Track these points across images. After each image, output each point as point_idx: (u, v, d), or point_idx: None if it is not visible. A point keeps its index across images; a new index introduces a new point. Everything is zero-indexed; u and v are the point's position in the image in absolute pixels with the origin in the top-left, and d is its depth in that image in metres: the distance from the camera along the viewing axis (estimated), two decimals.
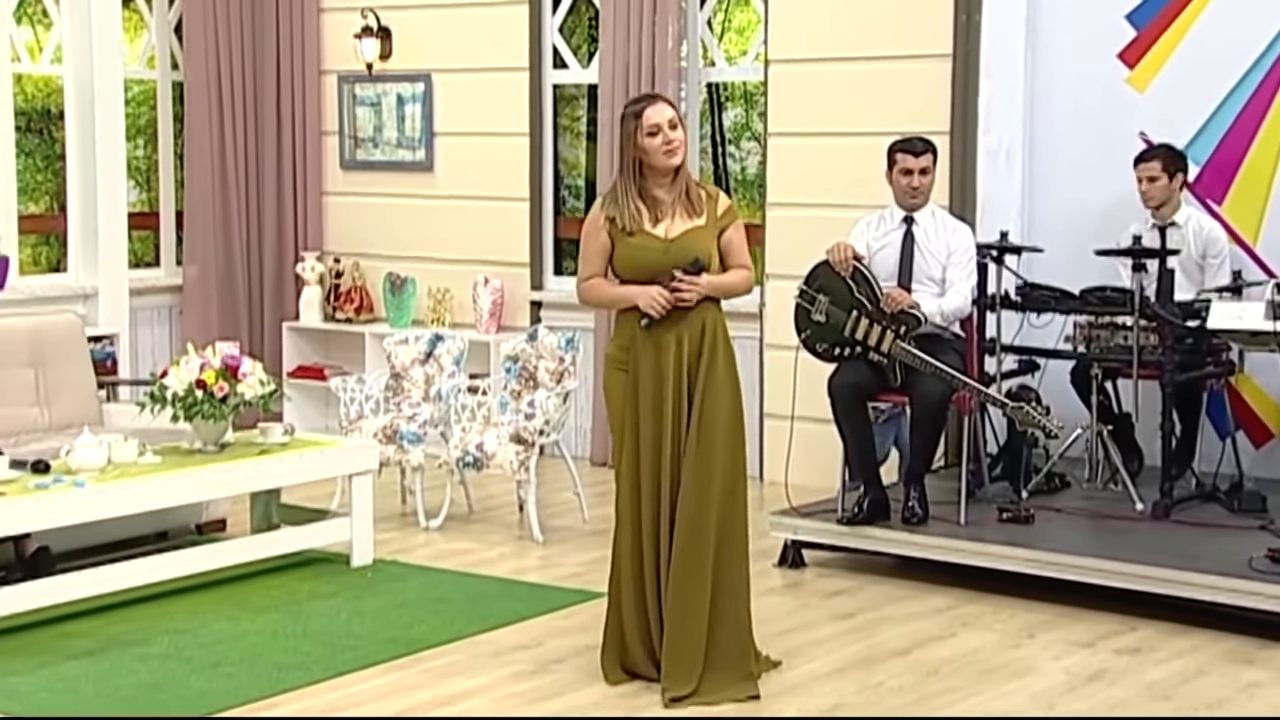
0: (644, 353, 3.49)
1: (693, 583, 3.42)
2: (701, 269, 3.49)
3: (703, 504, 3.42)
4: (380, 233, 6.96)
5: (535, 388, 5.44)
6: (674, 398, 3.47)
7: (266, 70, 6.97)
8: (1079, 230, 5.40)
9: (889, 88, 5.66)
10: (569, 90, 7.60)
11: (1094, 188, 5.34)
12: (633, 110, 3.51)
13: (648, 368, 3.49)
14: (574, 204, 7.71)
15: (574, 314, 6.45)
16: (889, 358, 4.65)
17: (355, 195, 7.03)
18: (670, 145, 3.48)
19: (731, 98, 7.89)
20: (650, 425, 3.47)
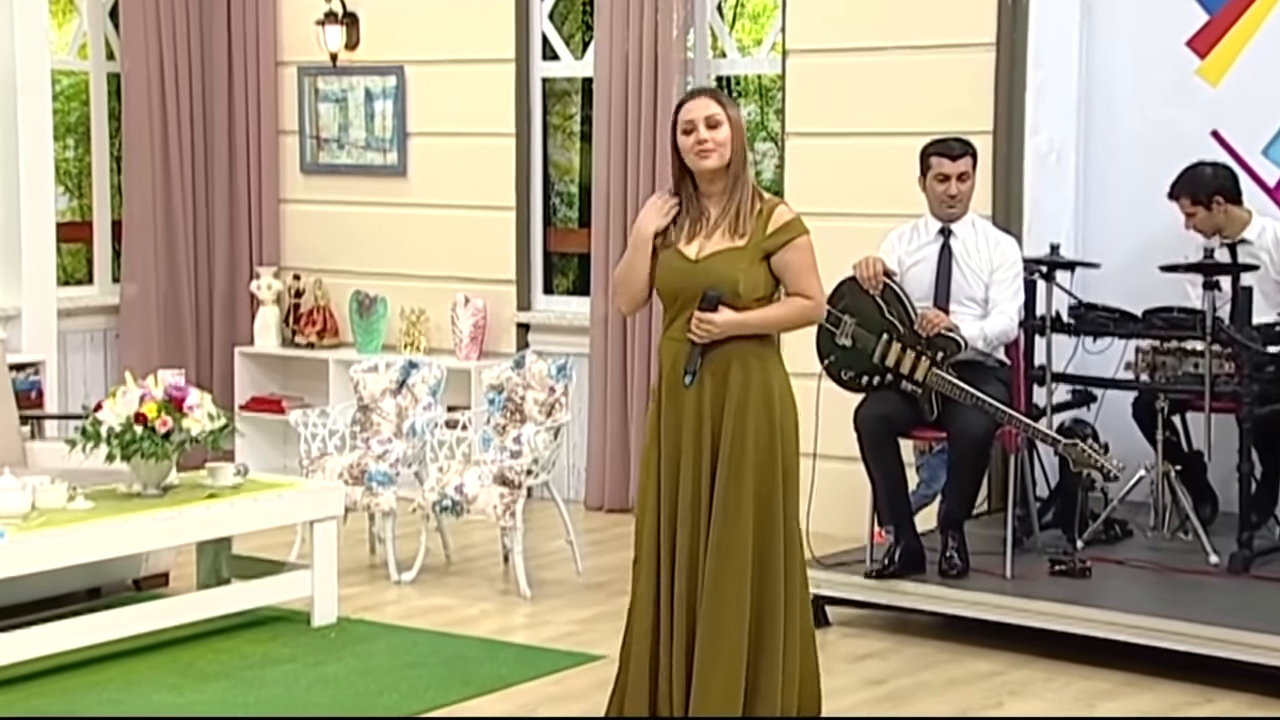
0: (667, 392, 3.40)
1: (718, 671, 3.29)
2: (716, 302, 3.35)
3: (726, 576, 3.29)
4: (346, 246, 7.02)
5: (522, 422, 5.49)
6: (692, 453, 3.36)
7: (216, 61, 7.04)
8: (1141, 243, 5.46)
9: (923, 81, 5.72)
10: (561, 85, 7.69)
11: (1158, 195, 5.35)
12: (679, 103, 3.50)
13: (671, 411, 3.40)
14: (566, 213, 7.79)
15: (566, 338, 6.50)
16: (924, 387, 4.69)
17: (317, 203, 7.11)
18: (702, 146, 3.37)
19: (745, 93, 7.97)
20: (667, 479, 3.41)
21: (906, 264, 4.91)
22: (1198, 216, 5.14)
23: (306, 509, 4.81)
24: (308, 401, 6.76)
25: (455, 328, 6.64)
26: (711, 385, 3.36)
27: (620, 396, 6.34)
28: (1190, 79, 5.48)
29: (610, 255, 6.31)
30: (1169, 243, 5.29)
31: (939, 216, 4.90)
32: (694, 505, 3.37)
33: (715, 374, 3.37)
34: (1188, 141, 5.39)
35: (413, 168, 6.87)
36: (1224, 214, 5.13)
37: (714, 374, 3.37)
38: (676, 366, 3.42)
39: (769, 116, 7.40)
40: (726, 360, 3.37)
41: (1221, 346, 4.76)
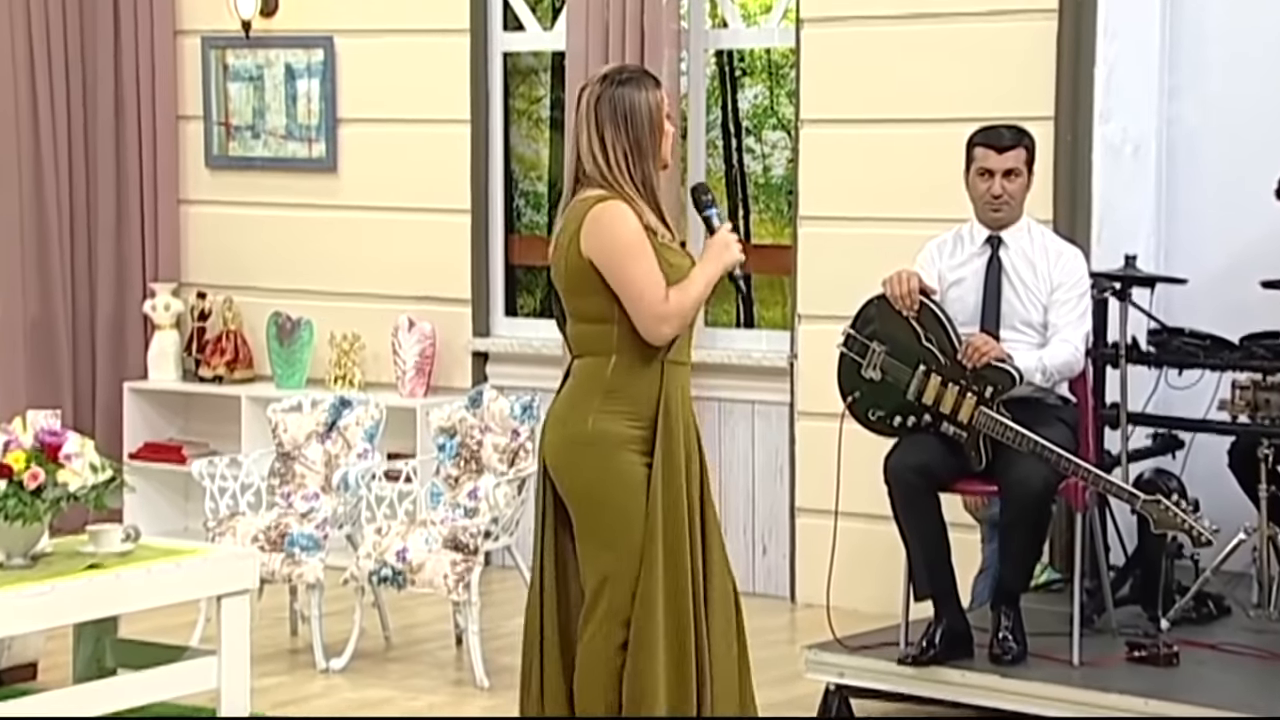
0: (676, 418, 3.80)
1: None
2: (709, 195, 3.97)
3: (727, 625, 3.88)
4: (262, 257, 7.08)
5: (479, 473, 5.54)
6: (693, 487, 3.87)
7: (100, 30, 7.08)
8: (1238, 253, 5.53)
9: (969, 57, 5.79)
10: (526, 61, 7.76)
11: (1261, 194, 5.39)
12: (648, 79, 3.81)
13: (676, 442, 3.79)
14: (532, 217, 7.81)
15: (533, 370, 6.56)
16: (970, 430, 4.73)
17: (227, 205, 7.17)
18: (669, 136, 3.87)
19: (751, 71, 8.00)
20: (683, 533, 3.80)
21: (948, 280, 4.96)
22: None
23: (212, 581, 4.84)
24: (215, 449, 6.80)
25: (397, 357, 6.70)
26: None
27: None
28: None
29: None
30: (1272, 252, 5.36)
31: (986, 222, 4.96)
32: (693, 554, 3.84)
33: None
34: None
35: (345, 162, 6.94)
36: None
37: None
38: (685, 395, 3.84)
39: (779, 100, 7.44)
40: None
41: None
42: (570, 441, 3.80)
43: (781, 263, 6.44)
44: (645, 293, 3.72)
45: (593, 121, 3.74)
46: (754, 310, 7.62)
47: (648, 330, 3.72)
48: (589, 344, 3.81)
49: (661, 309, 3.73)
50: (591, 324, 3.79)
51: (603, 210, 3.72)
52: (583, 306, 3.80)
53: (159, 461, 6.97)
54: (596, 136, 3.74)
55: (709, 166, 6.77)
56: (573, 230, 3.76)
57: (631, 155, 3.75)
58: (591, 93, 3.76)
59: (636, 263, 3.72)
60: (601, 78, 3.78)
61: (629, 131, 3.74)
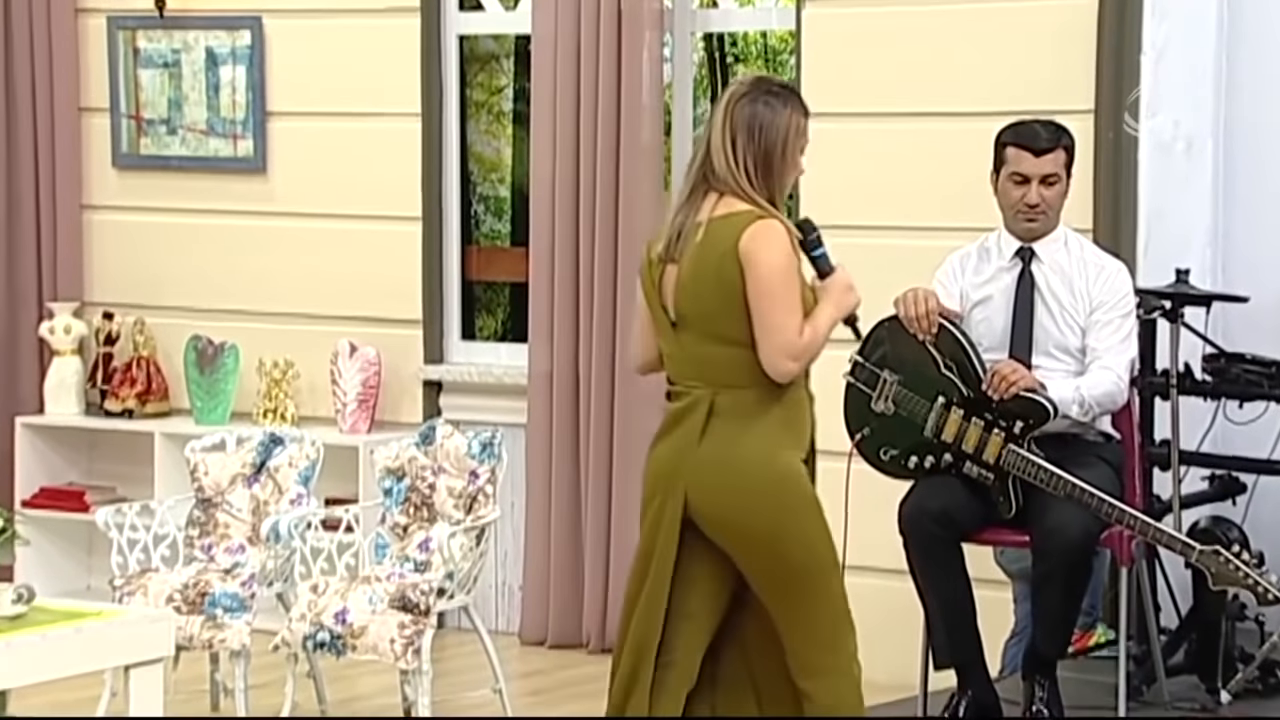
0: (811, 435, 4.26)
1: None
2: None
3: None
4: (180, 272, 7.08)
5: (431, 521, 5.55)
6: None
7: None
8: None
9: (996, 41, 5.82)
10: (485, 46, 7.78)
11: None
12: (797, 101, 4.23)
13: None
14: (493, 225, 7.82)
15: (494, 402, 6.58)
16: (998, 472, 4.75)
17: (137, 211, 7.16)
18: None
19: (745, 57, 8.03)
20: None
21: (972, 299, 4.99)
22: None
23: (120, 649, 4.83)
24: (123, 494, 6.80)
25: (337, 388, 6.72)
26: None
27: (571, 483, 6.42)
28: None
29: (557, 284, 6.41)
30: None
31: (1016, 233, 4.98)
32: None
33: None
34: None
35: (275, 162, 6.96)
36: None
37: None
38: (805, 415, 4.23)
39: None
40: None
41: None
42: (753, 486, 4.06)
43: None
44: (785, 324, 4.06)
45: (728, 123, 4.12)
46: None
47: (774, 363, 4.05)
48: (740, 372, 4.08)
49: (796, 344, 4.06)
50: (745, 348, 4.07)
51: (766, 229, 4.07)
52: (735, 329, 4.07)
53: (57, 509, 6.96)
54: (729, 139, 4.12)
55: None
56: (728, 245, 4.03)
57: (759, 171, 4.13)
58: (735, 93, 4.17)
59: (788, 291, 4.07)
60: (751, 84, 4.20)
61: (760, 144, 4.12)
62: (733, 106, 4.13)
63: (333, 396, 6.71)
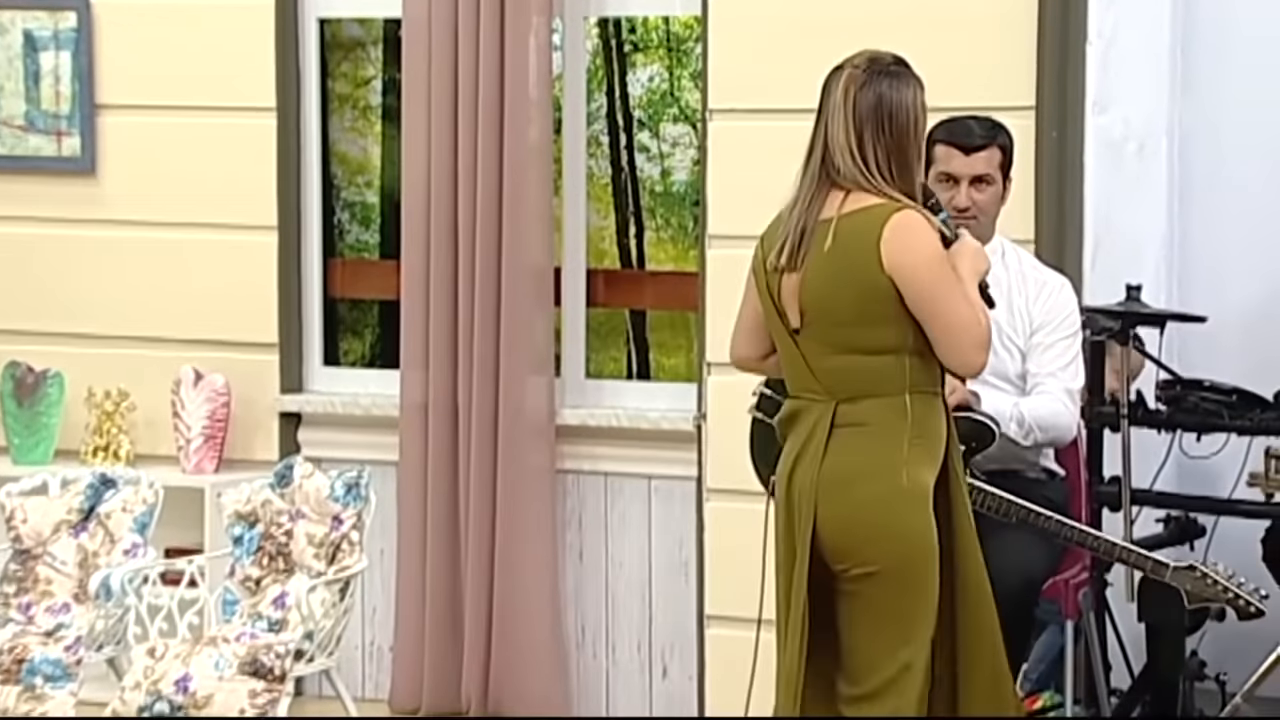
0: (957, 463, 4.30)
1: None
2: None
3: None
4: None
5: (288, 573, 5.53)
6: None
7: None
8: (1272, 283, 5.63)
9: (925, 30, 5.85)
10: (349, 32, 7.75)
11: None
12: (914, 76, 4.24)
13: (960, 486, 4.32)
14: (360, 235, 7.75)
15: (361, 436, 6.57)
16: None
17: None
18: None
19: (644, 47, 8.04)
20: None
21: None
22: None
23: None
24: None
25: (179, 421, 6.67)
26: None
27: (449, 529, 6.41)
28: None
29: (433, 302, 6.40)
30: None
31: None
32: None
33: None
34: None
35: (106, 162, 6.90)
36: None
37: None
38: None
39: (681, 84, 7.48)
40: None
41: None
42: (880, 504, 4.07)
43: (685, 295, 6.49)
44: (968, 315, 4.09)
45: (850, 114, 4.12)
46: (649, 357, 7.65)
47: (965, 359, 4.10)
48: (870, 382, 4.11)
49: (982, 335, 4.10)
50: (879, 356, 4.11)
51: (908, 220, 4.08)
52: (872, 336, 4.10)
53: None
54: (854, 133, 4.13)
55: (590, 169, 6.74)
56: (869, 244, 4.05)
57: (895, 162, 4.13)
58: (851, 79, 4.14)
59: (953, 284, 4.10)
60: (867, 63, 4.17)
61: (892, 135, 4.14)
62: (854, 93, 4.11)
63: (174, 431, 6.66)
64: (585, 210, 6.61)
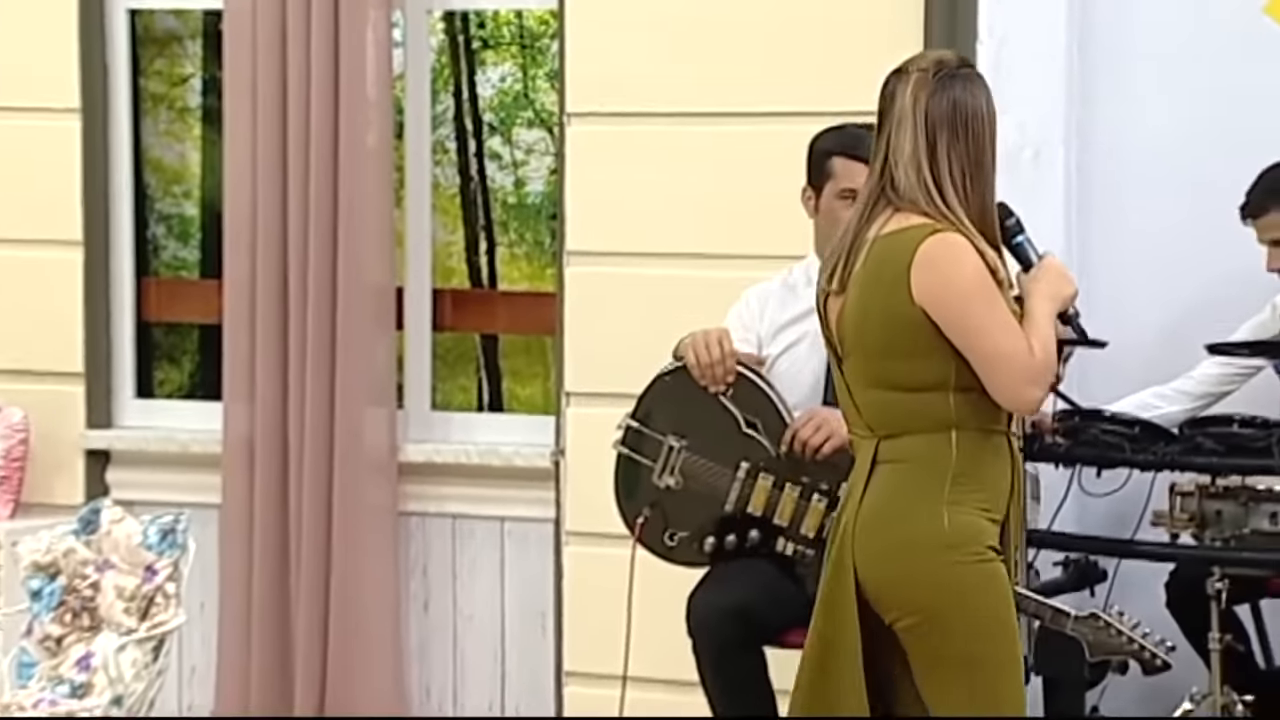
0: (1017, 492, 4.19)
1: None
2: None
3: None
4: None
5: (94, 630, 5.47)
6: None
7: None
8: (1181, 305, 5.68)
9: (805, 29, 5.90)
10: (164, 24, 7.71)
11: (1213, 219, 5.56)
12: (982, 79, 4.11)
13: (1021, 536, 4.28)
14: (177, 252, 7.73)
15: (177, 475, 6.54)
16: (819, 546, 4.76)
17: None
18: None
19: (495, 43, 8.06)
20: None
21: (776, 344, 5.08)
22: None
23: None
24: None
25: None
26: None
27: (277, 578, 6.40)
28: (1258, 23, 5.75)
29: (260, 326, 6.38)
30: (1223, 304, 5.52)
31: None
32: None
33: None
34: (1256, 128, 5.64)
35: None
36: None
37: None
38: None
39: (536, 84, 7.51)
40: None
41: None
42: (916, 547, 4.00)
43: (541, 318, 6.50)
44: (1014, 347, 4.01)
45: (921, 122, 4.00)
46: (502, 386, 7.65)
47: (1015, 395, 4.02)
48: (911, 419, 4.05)
49: (1033, 365, 4.01)
50: (918, 393, 4.04)
51: (941, 244, 3.99)
52: (908, 371, 4.04)
53: None
54: (925, 143, 4.00)
55: (436, 178, 6.75)
56: (897, 270, 3.98)
57: (970, 176, 4.02)
58: (920, 84, 4.03)
59: (993, 311, 4.00)
60: (935, 65, 4.06)
61: (970, 144, 4.02)
62: (926, 99, 4.01)
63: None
64: (430, 224, 6.60)
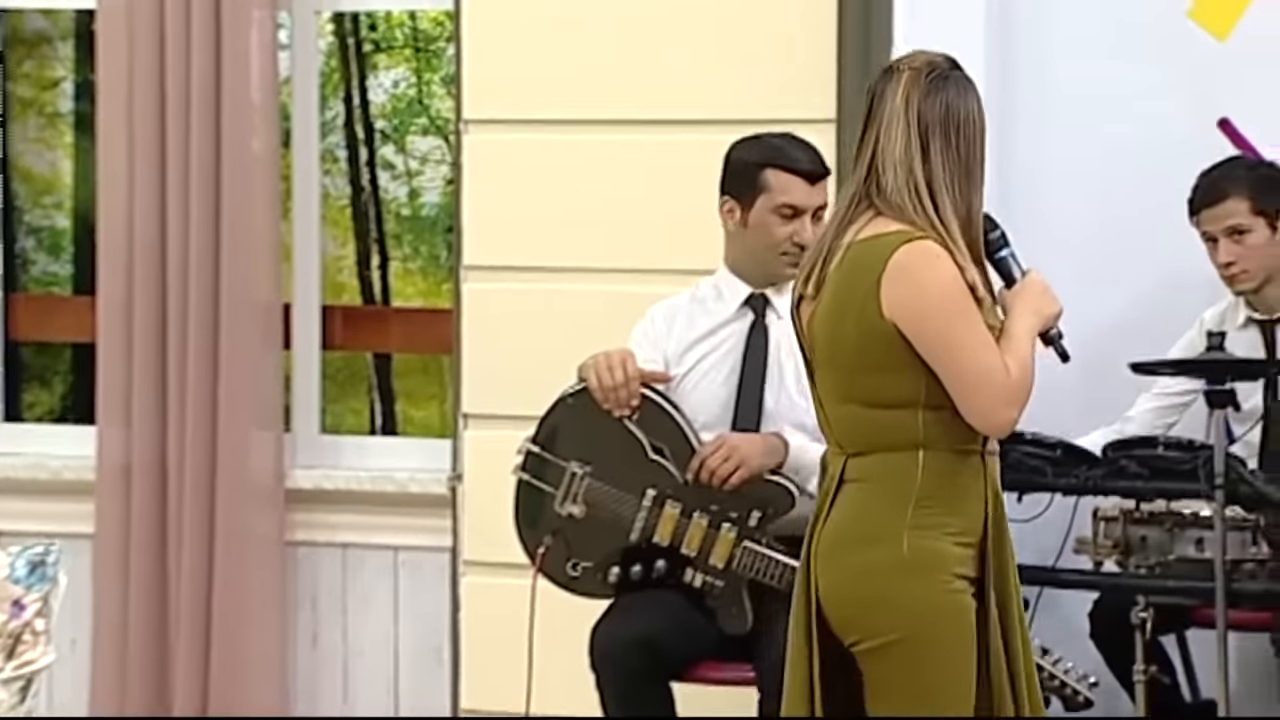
0: (1005, 530, 4.15)
1: None
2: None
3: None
4: None
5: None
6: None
7: None
8: (1103, 320, 5.71)
9: (714, 34, 5.92)
10: (33, 25, 7.69)
11: (1132, 233, 5.66)
12: (972, 83, 4.09)
13: (1010, 562, 4.16)
14: (47, 266, 7.70)
15: (48, 504, 6.50)
16: (729, 578, 4.81)
17: None
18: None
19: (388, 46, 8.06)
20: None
21: (686, 362, 5.07)
22: (1250, 240, 5.37)
23: None
24: None
25: None
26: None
27: (155, 613, 6.37)
28: (1181, 26, 5.80)
29: (137, 345, 6.35)
30: (1153, 320, 5.61)
31: (760, 276, 5.07)
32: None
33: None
34: (1178, 133, 5.72)
35: None
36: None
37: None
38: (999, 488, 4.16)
39: (431, 90, 7.51)
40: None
41: (1245, 510, 5.02)
42: (874, 571, 3.98)
43: (437, 336, 6.49)
44: (989, 365, 3.99)
45: (914, 123, 3.99)
46: (395, 408, 7.64)
47: (986, 416, 3.99)
48: (881, 436, 4.03)
49: (1006, 387, 3.99)
50: (887, 410, 4.02)
51: (914, 253, 3.97)
52: (878, 386, 4.02)
53: None
54: (919, 145, 4.00)
55: (326, 189, 6.75)
56: (870, 280, 3.96)
57: (959, 181, 4.02)
58: (912, 83, 4.02)
59: (968, 327, 3.99)
60: (927, 65, 4.05)
61: (961, 150, 4.02)
62: (918, 100, 4.00)
63: None
64: (320, 237, 6.59)
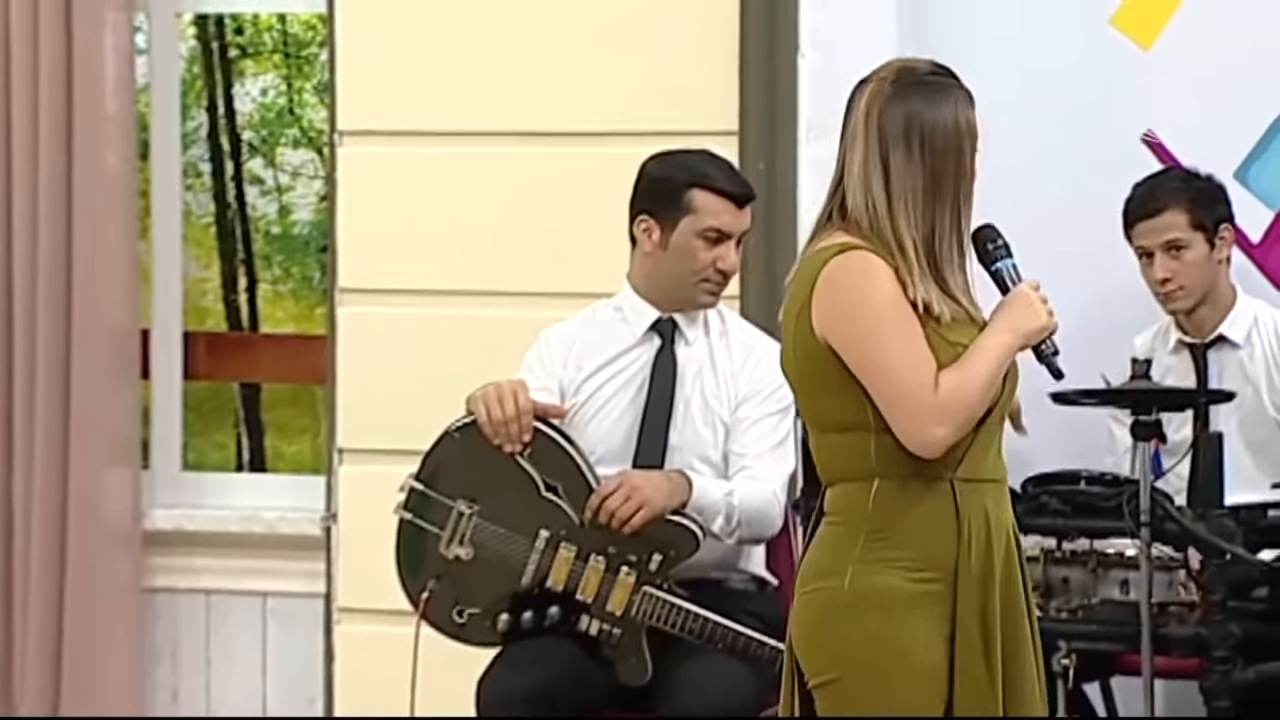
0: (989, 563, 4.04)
1: None
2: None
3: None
4: None
5: None
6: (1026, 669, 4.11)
7: None
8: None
9: (608, 38, 5.94)
10: None
11: (1052, 253, 5.54)
12: (959, 89, 4.07)
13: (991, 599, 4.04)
14: None
15: None
16: (628, 625, 4.83)
17: None
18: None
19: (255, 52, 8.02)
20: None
21: (583, 392, 5.09)
22: (1187, 257, 5.42)
23: None
24: None
25: None
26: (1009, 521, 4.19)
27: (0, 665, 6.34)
28: (1104, 34, 5.89)
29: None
30: (1080, 344, 5.44)
31: (670, 301, 5.10)
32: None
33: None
34: (1104, 151, 5.81)
35: None
36: (1222, 266, 5.48)
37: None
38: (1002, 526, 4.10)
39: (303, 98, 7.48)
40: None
41: (1174, 551, 5.06)
42: (819, 608, 3.97)
43: (310, 364, 6.48)
44: (903, 379, 3.94)
45: (875, 137, 3.95)
46: (264, 443, 7.58)
47: (911, 436, 3.94)
48: (840, 464, 4.04)
49: (929, 405, 3.92)
50: (841, 434, 4.01)
51: (840, 267, 3.96)
52: (825, 408, 4.02)
53: None
54: (877, 162, 3.96)
55: (187, 205, 6.70)
56: (803, 296, 3.97)
57: (924, 196, 3.95)
58: (875, 95, 3.98)
59: (893, 342, 3.94)
60: (895, 74, 4.01)
61: (927, 162, 3.96)
62: (878, 112, 3.97)
63: None
64: (181, 257, 6.57)
